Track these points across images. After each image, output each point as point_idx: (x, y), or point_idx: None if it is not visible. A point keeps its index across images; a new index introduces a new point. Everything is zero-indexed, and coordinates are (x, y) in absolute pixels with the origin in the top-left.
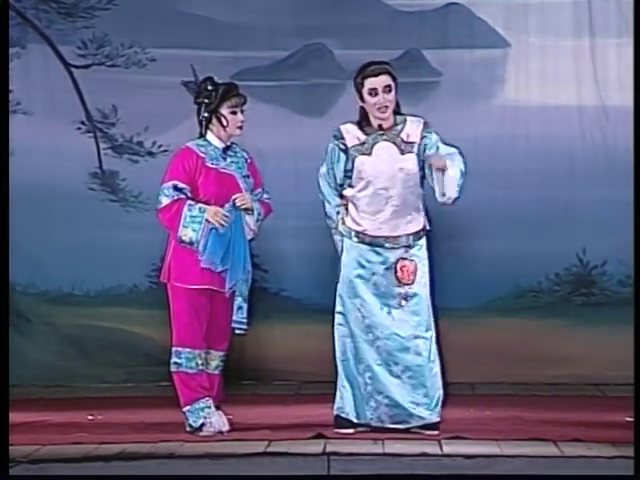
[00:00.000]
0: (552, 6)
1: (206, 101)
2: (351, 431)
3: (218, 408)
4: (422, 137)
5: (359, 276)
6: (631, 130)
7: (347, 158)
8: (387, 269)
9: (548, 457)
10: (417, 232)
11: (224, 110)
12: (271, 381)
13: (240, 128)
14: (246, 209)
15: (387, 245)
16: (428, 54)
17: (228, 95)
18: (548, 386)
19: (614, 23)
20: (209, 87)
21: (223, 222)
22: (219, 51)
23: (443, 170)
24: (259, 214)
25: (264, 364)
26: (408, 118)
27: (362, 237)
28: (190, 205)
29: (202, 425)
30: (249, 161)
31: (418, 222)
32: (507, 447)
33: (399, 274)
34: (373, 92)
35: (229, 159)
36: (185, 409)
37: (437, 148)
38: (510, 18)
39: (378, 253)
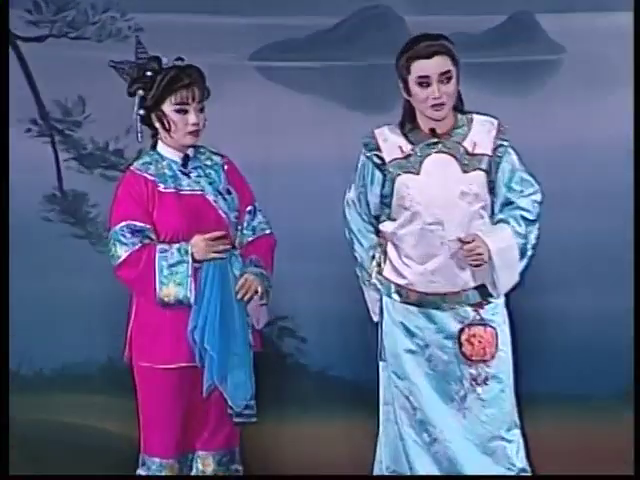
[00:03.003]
0: None
1: (141, 93)
2: None
3: None
4: (495, 147)
5: (407, 349)
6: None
7: (384, 177)
8: (447, 339)
9: None
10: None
11: (166, 107)
12: None
13: (193, 134)
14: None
15: (445, 306)
16: (544, 20)
17: (174, 86)
18: None
19: None
20: (148, 73)
21: (223, 248)
22: (233, 17)
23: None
24: (267, 279)
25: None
26: (475, 117)
27: (406, 294)
28: (163, 250)
29: None
30: (226, 168)
31: None
32: None
33: (467, 348)
34: (424, 82)
35: (194, 173)
36: None
37: (509, 184)
38: None
39: (431, 317)
